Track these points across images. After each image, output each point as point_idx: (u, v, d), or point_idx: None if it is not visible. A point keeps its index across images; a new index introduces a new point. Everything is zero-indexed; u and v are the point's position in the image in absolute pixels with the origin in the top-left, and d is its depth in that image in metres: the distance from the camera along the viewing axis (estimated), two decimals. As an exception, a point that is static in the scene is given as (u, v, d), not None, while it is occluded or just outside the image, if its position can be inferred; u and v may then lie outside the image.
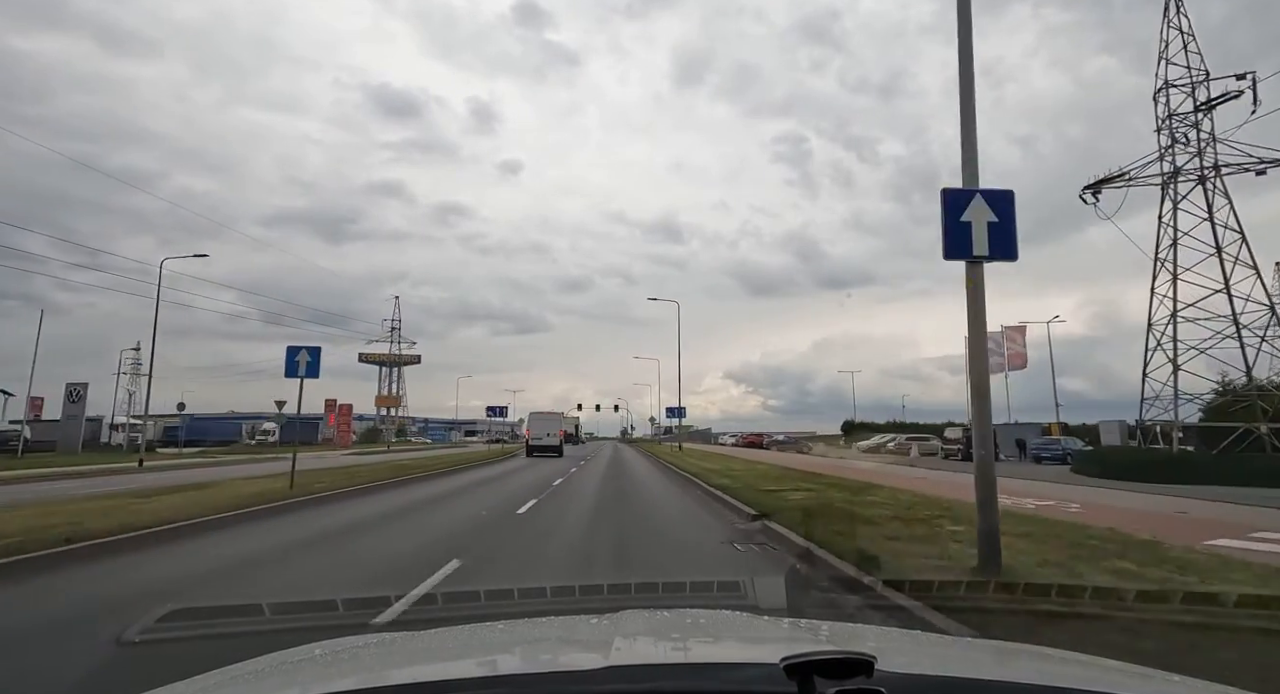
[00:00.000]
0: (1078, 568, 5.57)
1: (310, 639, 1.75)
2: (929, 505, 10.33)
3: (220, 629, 3.48)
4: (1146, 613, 4.09)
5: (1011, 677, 1.14)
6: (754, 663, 1.11)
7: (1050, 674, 1.26)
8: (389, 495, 13.90)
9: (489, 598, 4.14)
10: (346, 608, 3.89)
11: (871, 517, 8.83)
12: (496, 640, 1.70)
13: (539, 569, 6.55)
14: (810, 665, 0.92)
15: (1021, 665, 1.42)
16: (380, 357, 78.08)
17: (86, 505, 10.23)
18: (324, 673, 1.38)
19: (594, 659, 1.13)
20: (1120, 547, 6.67)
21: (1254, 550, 6.84)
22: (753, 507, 10.31)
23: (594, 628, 1.75)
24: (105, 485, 15.07)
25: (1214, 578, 5.32)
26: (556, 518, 10.46)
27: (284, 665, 1.45)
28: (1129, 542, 6.98)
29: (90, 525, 7.90)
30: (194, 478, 16.69)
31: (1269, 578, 5.44)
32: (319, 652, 1.57)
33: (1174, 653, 3.41)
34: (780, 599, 3.52)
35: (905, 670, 1.01)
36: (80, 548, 6.88)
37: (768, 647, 1.30)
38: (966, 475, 9.19)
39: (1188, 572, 5.51)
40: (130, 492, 12.75)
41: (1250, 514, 10.78)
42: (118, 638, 3.70)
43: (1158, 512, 10.94)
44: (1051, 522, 8.72)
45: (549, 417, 39.00)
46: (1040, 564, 5.70)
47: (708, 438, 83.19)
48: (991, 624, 3.94)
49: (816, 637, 1.55)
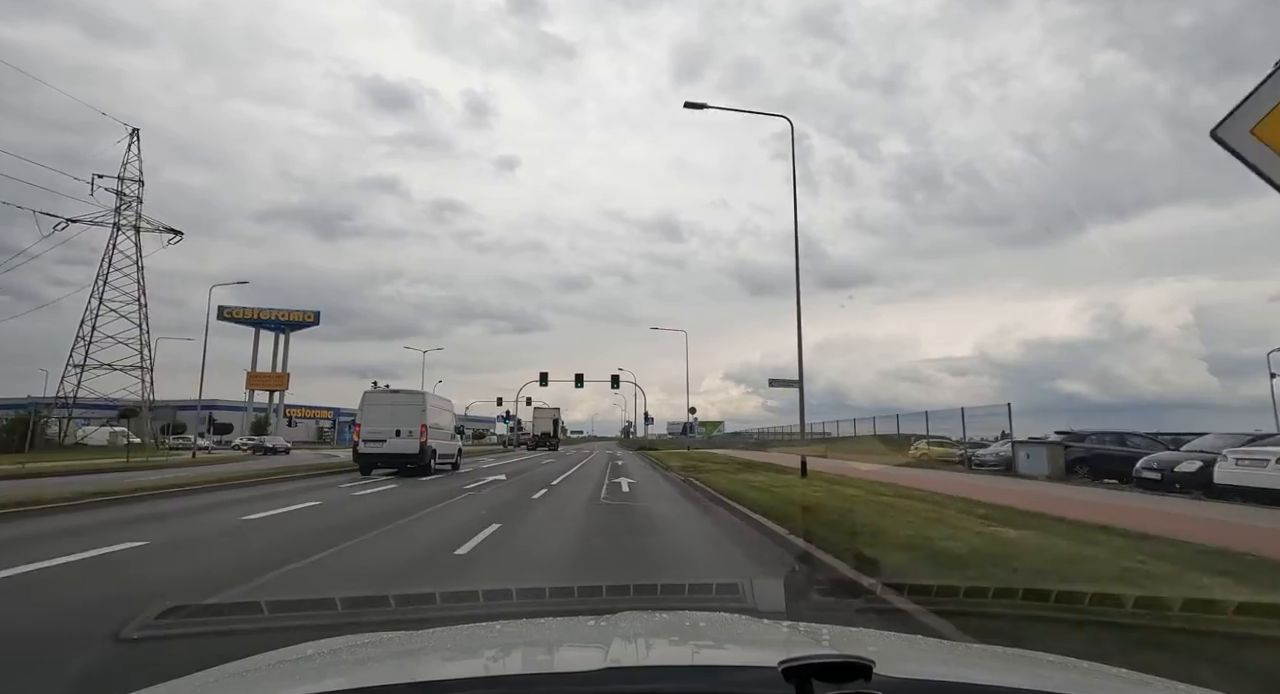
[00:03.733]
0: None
1: (308, 637, 1.75)
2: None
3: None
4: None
5: (1010, 682, 1.14)
6: (752, 666, 1.11)
7: (1049, 680, 1.26)
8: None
9: (487, 598, 4.13)
10: (344, 607, 3.88)
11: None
12: (494, 640, 1.70)
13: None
14: (809, 669, 0.92)
15: (1021, 671, 1.41)
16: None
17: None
18: (320, 672, 1.38)
19: (592, 660, 1.13)
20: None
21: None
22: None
23: (592, 629, 1.75)
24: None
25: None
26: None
27: (280, 664, 1.45)
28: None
29: None
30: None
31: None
32: (311, 651, 1.56)
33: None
34: (779, 602, 3.51)
35: (904, 675, 1.01)
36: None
37: (766, 650, 1.30)
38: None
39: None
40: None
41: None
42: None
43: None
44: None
45: (399, 398, 20.65)
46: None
47: (757, 443, 51.49)
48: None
49: (816, 640, 1.55)
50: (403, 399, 20.20)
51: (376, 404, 19.81)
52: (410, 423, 19.24)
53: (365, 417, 19.49)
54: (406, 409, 19.54)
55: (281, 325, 56.37)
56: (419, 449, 19.02)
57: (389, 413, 19.34)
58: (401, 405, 19.70)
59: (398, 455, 19.04)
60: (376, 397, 20.57)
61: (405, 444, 19.03)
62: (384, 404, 19.79)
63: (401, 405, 19.70)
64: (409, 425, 19.21)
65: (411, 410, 19.56)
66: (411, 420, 19.30)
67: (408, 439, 19.04)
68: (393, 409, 19.46)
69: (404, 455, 19.03)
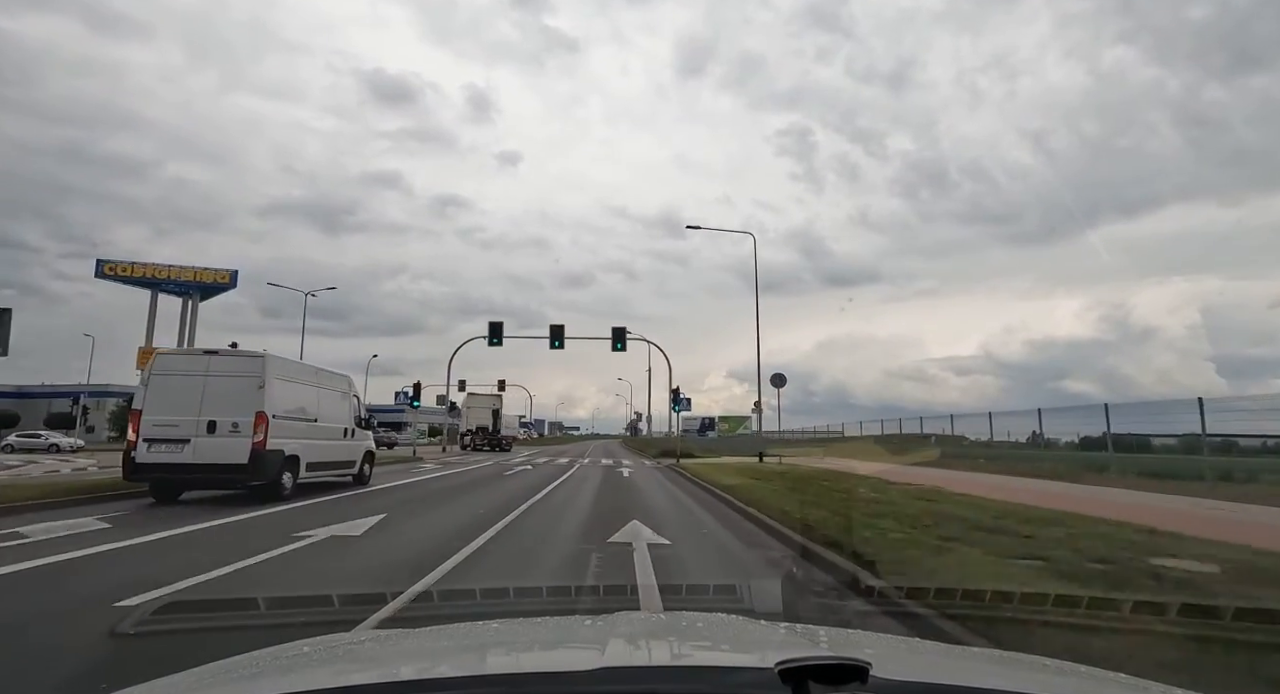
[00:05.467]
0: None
1: (305, 634, 1.75)
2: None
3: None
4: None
5: (1007, 686, 1.13)
6: (748, 667, 1.10)
7: (1047, 684, 1.25)
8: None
9: (485, 597, 4.14)
10: (341, 604, 3.89)
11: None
12: (490, 639, 1.70)
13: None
14: (805, 670, 0.92)
15: (1018, 675, 1.41)
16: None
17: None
18: (316, 669, 1.37)
19: (588, 660, 1.13)
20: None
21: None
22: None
23: (588, 629, 1.75)
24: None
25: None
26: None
27: (276, 661, 1.45)
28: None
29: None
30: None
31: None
32: (308, 648, 1.56)
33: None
34: (776, 604, 3.52)
35: (900, 677, 1.01)
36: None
37: (763, 651, 1.29)
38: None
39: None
40: None
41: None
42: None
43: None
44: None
45: (218, 364, 11.69)
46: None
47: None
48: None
49: (813, 642, 1.55)
50: (223, 366, 11.63)
51: (170, 373, 11.40)
52: (235, 409, 11.26)
53: (152, 398, 11.17)
54: (229, 384, 11.42)
55: (187, 288, 40.27)
56: (250, 456, 11.07)
57: (194, 391, 11.25)
58: (219, 377, 11.45)
59: (209, 467, 10.99)
60: (172, 362, 11.75)
61: (224, 447, 11.08)
62: (185, 374, 11.42)
63: (219, 377, 11.45)
64: (233, 414, 11.23)
65: (238, 387, 11.40)
66: (238, 404, 11.29)
67: (230, 439, 11.14)
68: (204, 384, 11.33)
69: (222, 467, 11.03)
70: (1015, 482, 16.03)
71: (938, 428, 29.41)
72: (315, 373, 13.88)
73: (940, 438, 28.81)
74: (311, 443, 12.81)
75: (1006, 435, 25.67)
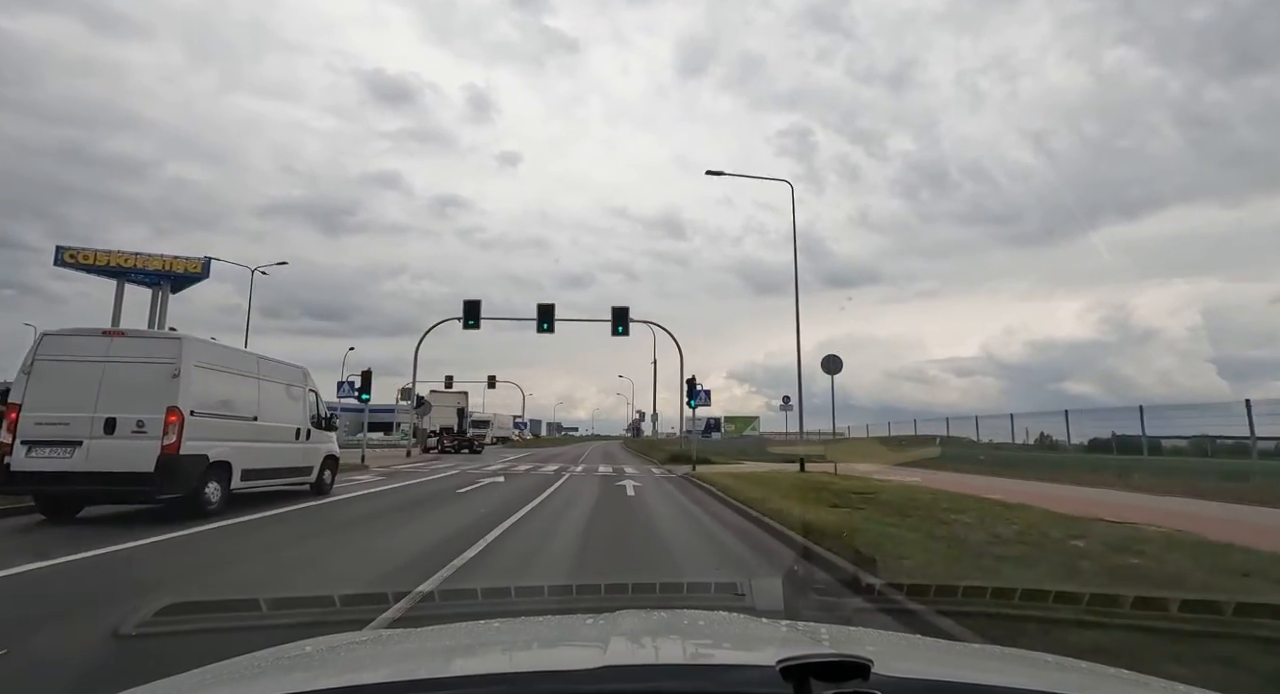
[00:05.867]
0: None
1: (308, 635, 1.75)
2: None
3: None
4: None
5: (1009, 682, 1.14)
6: (750, 665, 1.11)
7: (1048, 680, 1.26)
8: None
9: (486, 596, 4.15)
10: (344, 604, 3.89)
11: None
12: (492, 638, 1.70)
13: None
14: (807, 668, 0.92)
15: (1019, 671, 1.41)
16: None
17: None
18: (318, 669, 1.38)
19: (590, 658, 1.13)
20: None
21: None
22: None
23: (590, 627, 1.75)
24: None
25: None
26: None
27: (279, 661, 1.45)
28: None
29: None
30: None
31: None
32: (310, 648, 1.56)
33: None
34: (778, 601, 3.52)
35: (902, 674, 1.01)
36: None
37: (765, 649, 1.30)
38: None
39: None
40: None
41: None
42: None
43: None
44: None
45: (120, 347, 8.87)
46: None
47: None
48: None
49: (815, 639, 1.55)
50: (128, 350, 9.00)
51: (59, 358, 8.85)
52: (142, 403, 8.71)
53: (35, 388, 8.68)
54: (135, 373, 8.86)
55: (156, 277, 37.22)
56: (158, 462, 8.54)
57: (90, 381, 8.70)
58: (123, 364, 8.86)
59: (106, 476, 8.42)
60: (63, 345, 9.01)
61: (125, 451, 8.56)
62: (79, 359, 8.85)
63: (123, 364, 8.86)
64: (138, 410, 8.68)
65: (146, 376, 8.85)
66: (145, 398, 8.73)
67: (133, 440, 8.61)
68: (103, 372, 8.76)
69: (122, 476, 8.45)
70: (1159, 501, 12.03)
71: (959, 430, 28.06)
72: (256, 362, 11.26)
73: (975, 443, 26.11)
74: (248, 446, 10.30)
75: (1026, 436, 24.55)
